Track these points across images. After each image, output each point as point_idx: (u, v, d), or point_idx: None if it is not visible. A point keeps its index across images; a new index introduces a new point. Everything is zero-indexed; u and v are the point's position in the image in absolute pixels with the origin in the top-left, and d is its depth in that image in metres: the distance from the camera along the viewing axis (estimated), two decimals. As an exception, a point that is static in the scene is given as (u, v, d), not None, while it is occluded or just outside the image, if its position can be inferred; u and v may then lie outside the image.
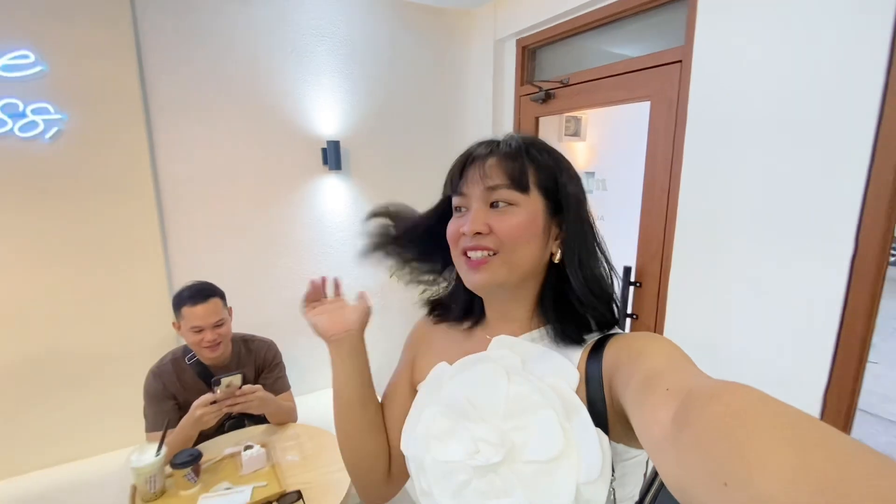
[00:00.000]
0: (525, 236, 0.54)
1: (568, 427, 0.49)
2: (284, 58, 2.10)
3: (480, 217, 0.55)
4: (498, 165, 0.55)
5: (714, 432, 0.30)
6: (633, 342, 0.50)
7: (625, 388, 0.45)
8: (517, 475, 0.49)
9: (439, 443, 0.56)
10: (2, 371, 1.73)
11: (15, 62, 1.62)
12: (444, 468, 0.54)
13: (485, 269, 0.55)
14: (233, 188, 2.08)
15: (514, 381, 0.53)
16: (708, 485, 0.28)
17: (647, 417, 0.39)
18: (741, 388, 0.32)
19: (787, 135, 1.25)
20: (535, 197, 0.55)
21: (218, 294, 1.52)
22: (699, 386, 0.35)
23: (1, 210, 1.67)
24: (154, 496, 1.19)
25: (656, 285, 1.71)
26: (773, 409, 0.29)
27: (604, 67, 1.86)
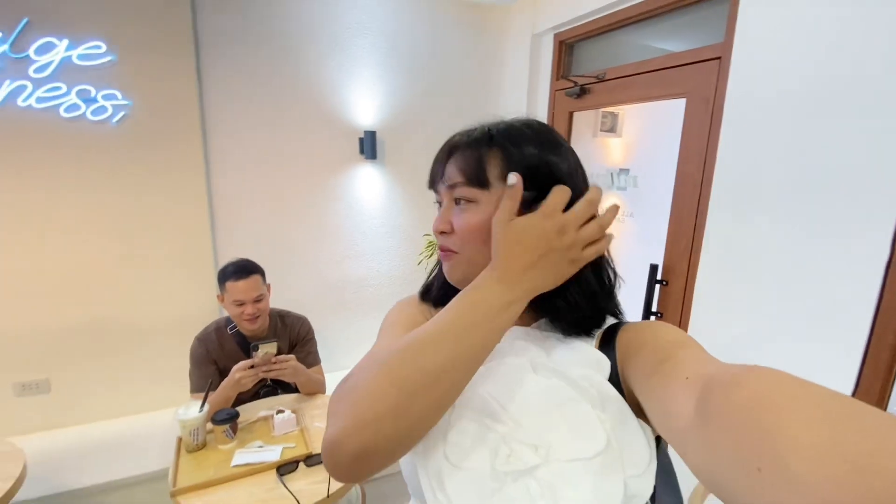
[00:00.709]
0: (480, 237, 0.50)
1: (604, 418, 0.46)
2: (328, 51, 2.20)
3: (445, 215, 0.53)
4: (458, 161, 0.51)
5: (741, 418, 0.29)
6: (645, 331, 0.49)
7: (638, 378, 0.44)
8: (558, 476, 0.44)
9: (458, 448, 0.48)
10: (71, 331, 1.94)
11: (89, 52, 1.79)
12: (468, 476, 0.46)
13: (447, 263, 0.54)
14: (276, 173, 2.22)
15: (543, 375, 0.49)
16: (741, 471, 0.28)
17: (667, 407, 0.38)
18: (762, 370, 0.32)
19: (826, 136, 1.22)
20: (497, 191, 0.49)
21: (258, 271, 1.64)
22: (719, 372, 0.35)
23: (73, 187, 1.86)
24: (196, 447, 1.33)
25: (683, 284, 1.70)
26: (797, 388, 0.29)
27: (640, 63, 1.85)
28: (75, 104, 1.79)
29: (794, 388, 0.29)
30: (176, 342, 1.92)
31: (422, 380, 0.42)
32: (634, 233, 2.39)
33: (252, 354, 1.48)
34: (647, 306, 1.80)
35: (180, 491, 1.17)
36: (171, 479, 1.22)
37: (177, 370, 1.74)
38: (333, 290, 2.45)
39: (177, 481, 1.21)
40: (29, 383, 1.93)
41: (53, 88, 1.76)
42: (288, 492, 1.18)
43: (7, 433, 1.83)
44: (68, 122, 1.80)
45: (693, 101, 1.61)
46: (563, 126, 2.31)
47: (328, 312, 2.43)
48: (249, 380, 1.47)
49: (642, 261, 1.85)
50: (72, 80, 1.78)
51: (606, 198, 2.18)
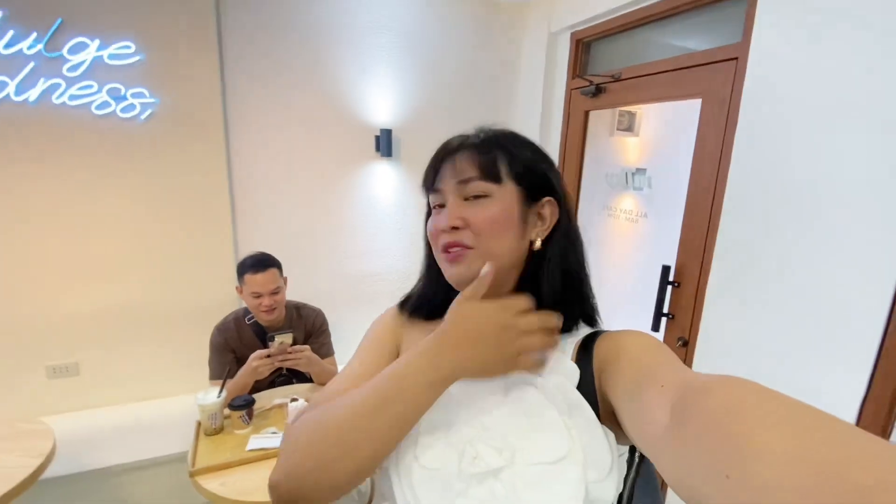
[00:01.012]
0: (500, 227, 0.53)
1: (572, 425, 0.47)
2: (347, 50, 2.24)
3: (455, 211, 0.54)
4: (469, 158, 0.54)
5: (712, 426, 0.30)
6: (622, 341, 0.50)
7: (615, 387, 0.45)
8: (521, 479, 0.46)
9: (430, 449, 0.50)
10: (99, 317, 2.04)
11: (119, 52, 1.87)
12: (436, 475, 0.48)
13: (461, 262, 0.53)
14: (295, 168, 2.28)
15: (512, 381, 0.50)
16: (710, 478, 0.28)
17: (642, 415, 0.39)
18: (734, 380, 0.33)
19: (844, 143, 1.20)
20: (508, 186, 0.54)
21: (276, 265, 1.70)
22: (692, 382, 0.36)
23: (103, 180, 1.95)
24: (214, 431, 1.39)
25: (694, 286, 1.69)
26: (767, 399, 0.30)
27: (655, 63, 1.84)
28: (106, 102, 1.88)
29: (764, 398, 0.30)
30: (197, 331, 2.00)
31: (340, 452, 0.46)
32: (648, 233, 2.38)
33: (269, 344, 1.53)
34: (658, 307, 1.80)
35: (199, 471, 1.24)
36: (191, 460, 1.29)
37: (197, 357, 1.81)
38: (349, 284, 2.50)
39: (195, 462, 1.28)
40: (59, 366, 2.03)
41: (86, 87, 1.84)
42: (299, 476, 1.23)
43: (39, 413, 1.94)
44: (99, 118, 1.89)
45: (708, 101, 1.60)
46: (578, 125, 2.31)
47: (343, 306, 2.48)
48: (266, 368, 1.53)
49: (655, 262, 1.85)
50: (103, 79, 1.86)
51: (621, 199, 2.19)
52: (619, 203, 2.48)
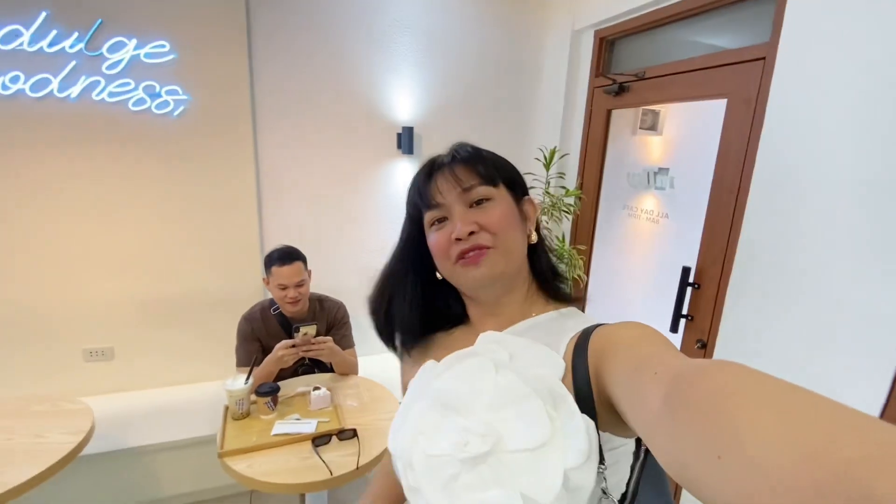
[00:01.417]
0: (511, 224, 0.59)
1: (555, 415, 0.49)
2: (371, 48, 2.28)
3: (467, 217, 0.57)
4: (465, 169, 0.59)
5: (705, 408, 0.31)
6: (618, 331, 0.51)
7: (612, 376, 0.46)
8: (505, 465, 0.49)
9: (427, 438, 0.54)
10: (134, 305, 2.14)
11: (154, 51, 1.95)
12: (433, 462, 0.53)
13: (484, 263, 0.57)
14: (319, 164, 2.33)
15: (502, 373, 0.53)
16: (703, 459, 0.29)
17: (638, 401, 0.40)
18: (728, 364, 0.34)
19: (874, 146, 1.18)
20: (502, 189, 0.61)
21: (301, 258, 1.76)
22: (687, 367, 0.36)
23: (137, 174, 2.04)
24: (241, 415, 1.46)
25: (715, 288, 1.68)
26: (758, 381, 0.31)
27: (681, 62, 1.82)
28: (142, 99, 1.96)
29: (756, 380, 0.31)
30: (224, 319, 2.08)
31: None
32: (669, 234, 2.36)
33: (294, 335, 1.59)
34: (677, 309, 1.79)
35: (227, 453, 1.30)
36: (219, 442, 1.35)
37: (224, 345, 1.89)
38: (369, 278, 2.54)
39: (224, 444, 1.34)
40: (96, 350, 2.14)
41: (123, 84, 1.93)
42: (321, 461, 1.28)
43: (76, 393, 2.05)
44: (135, 115, 1.97)
45: (734, 102, 1.58)
46: (600, 123, 2.30)
47: (363, 299, 2.53)
48: (290, 358, 1.59)
49: (675, 263, 1.84)
50: (139, 77, 1.94)
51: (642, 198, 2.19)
52: (640, 203, 2.46)
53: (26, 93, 1.83)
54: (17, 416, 1.48)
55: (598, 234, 2.42)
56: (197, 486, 1.97)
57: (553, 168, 2.36)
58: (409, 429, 0.57)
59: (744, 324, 1.56)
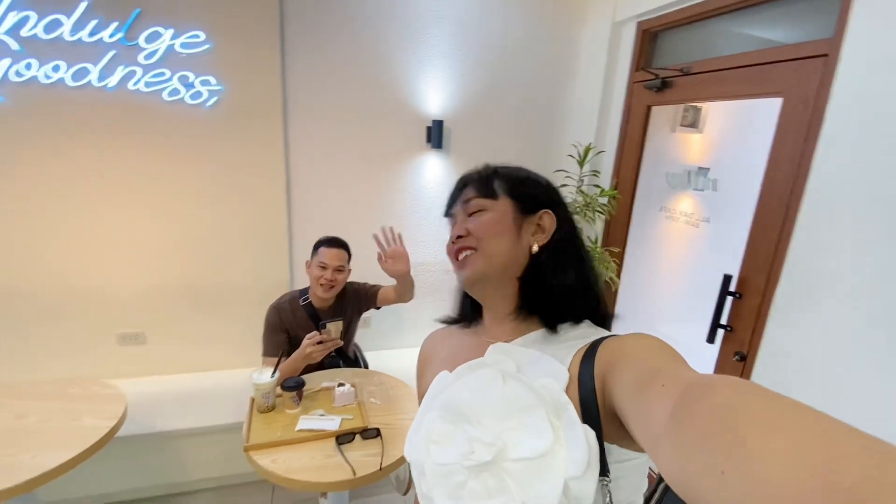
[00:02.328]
0: (495, 230, 0.63)
1: (558, 425, 0.50)
2: (403, 39, 2.24)
3: (461, 224, 0.66)
4: (471, 186, 0.67)
5: (710, 424, 0.31)
6: (625, 343, 0.52)
7: (618, 388, 0.46)
8: (508, 474, 0.50)
9: (438, 446, 0.57)
10: (165, 291, 2.18)
11: (189, 41, 1.95)
12: (443, 470, 0.55)
13: (466, 265, 0.64)
14: (348, 156, 2.32)
15: (509, 384, 0.55)
16: (705, 473, 0.29)
17: (643, 414, 0.40)
18: (736, 381, 0.33)
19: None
20: (503, 200, 0.65)
21: (347, 249, 1.84)
22: (694, 381, 0.36)
23: (171, 163, 2.06)
24: (267, 409, 1.46)
25: (759, 299, 1.59)
26: (766, 399, 0.30)
27: (731, 57, 1.71)
28: (176, 89, 1.97)
29: (764, 397, 0.31)
30: (252, 309, 2.11)
31: None
32: (708, 239, 2.25)
33: (320, 331, 1.60)
34: (715, 318, 1.71)
35: (252, 447, 1.31)
36: (245, 435, 1.36)
37: (251, 334, 1.91)
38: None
39: (250, 438, 1.35)
40: (129, 334, 2.20)
41: (158, 74, 1.94)
42: (345, 460, 1.27)
43: (109, 375, 2.11)
44: (169, 104, 1.99)
45: (790, 101, 1.48)
46: (638, 120, 2.20)
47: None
48: (319, 354, 1.61)
49: (714, 270, 1.75)
50: (174, 67, 1.95)
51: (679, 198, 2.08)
52: (678, 204, 2.35)
53: (66, 82, 1.86)
54: (53, 399, 1.53)
55: (631, 236, 2.33)
56: (222, 472, 2.01)
57: (587, 166, 2.27)
58: (421, 437, 0.61)
59: (788, 339, 1.47)
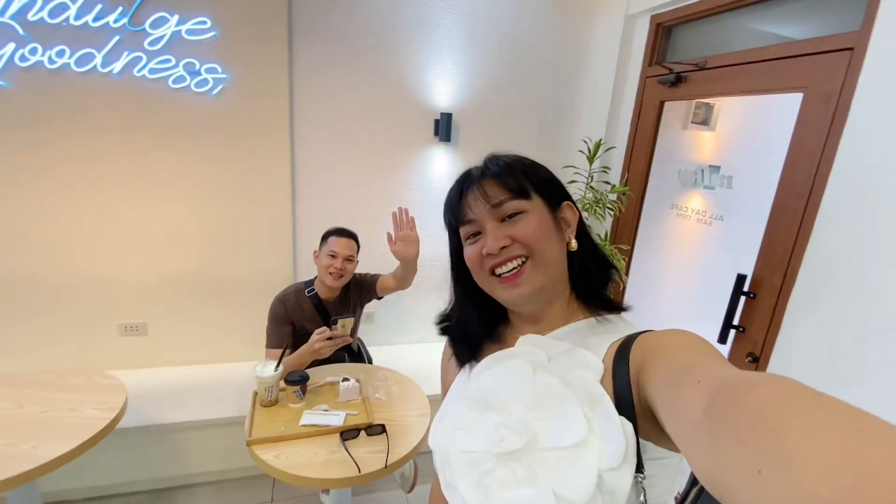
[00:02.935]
0: (546, 234, 0.58)
1: (591, 416, 0.49)
2: (412, 30, 2.20)
3: (498, 233, 0.57)
4: (496, 184, 0.59)
5: (749, 421, 0.29)
6: (661, 337, 0.50)
7: (653, 383, 0.45)
8: (539, 462, 0.49)
9: (464, 434, 0.56)
10: (167, 282, 2.16)
11: (196, 27, 1.92)
12: (469, 458, 0.54)
13: (523, 281, 0.57)
14: (355, 148, 2.28)
15: (540, 374, 0.53)
16: (740, 471, 0.28)
17: (678, 409, 0.39)
18: (775, 377, 0.32)
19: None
20: (537, 199, 0.59)
21: (356, 240, 1.82)
22: (732, 377, 0.35)
23: (175, 151, 2.03)
24: (270, 402, 1.44)
25: (773, 299, 1.55)
26: (809, 397, 0.29)
27: (749, 51, 1.67)
28: (182, 76, 1.94)
29: (805, 396, 0.29)
30: (255, 301, 2.08)
31: None
32: (720, 238, 2.21)
33: (331, 327, 1.57)
34: (728, 318, 1.67)
35: (255, 441, 1.28)
36: (248, 430, 1.33)
37: (254, 327, 1.88)
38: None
39: (252, 432, 1.32)
40: (130, 325, 2.18)
41: (164, 61, 1.91)
42: (350, 457, 1.25)
43: (110, 366, 2.09)
44: (175, 92, 1.96)
45: (812, 97, 1.44)
46: (651, 116, 2.16)
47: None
48: (327, 350, 1.58)
49: (727, 269, 1.71)
50: (180, 54, 1.92)
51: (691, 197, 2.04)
52: (689, 202, 2.31)
53: (71, 67, 1.83)
54: (53, 389, 1.51)
55: (641, 233, 2.30)
56: (223, 466, 1.99)
57: (597, 162, 2.24)
58: (447, 425, 0.59)
59: (804, 341, 1.43)
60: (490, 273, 0.58)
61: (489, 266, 0.58)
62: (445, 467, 0.58)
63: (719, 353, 0.44)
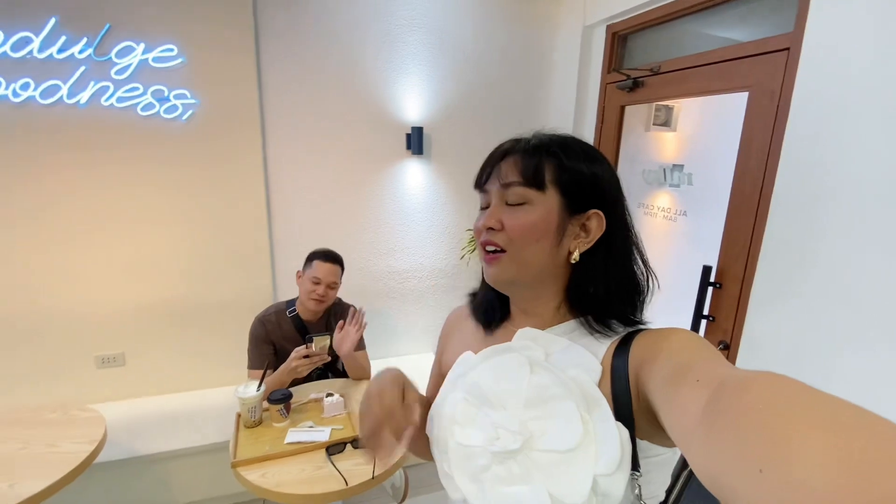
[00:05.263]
0: (533, 235, 0.53)
1: (588, 419, 0.49)
2: (379, 48, 2.25)
3: (495, 213, 0.56)
4: (514, 163, 0.55)
5: (749, 420, 0.30)
6: (661, 337, 0.50)
7: (652, 382, 0.45)
8: (535, 463, 0.49)
9: (461, 428, 0.57)
10: (144, 311, 2.13)
11: (163, 55, 1.93)
12: (466, 452, 0.55)
13: (495, 265, 0.56)
14: (328, 166, 2.31)
15: (537, 372, 0.53)
16: (742, 471, 0.28)
17: (677, 408, 0.39)
18: (775, 376, 0.32)
19: (907, 133, 1.13)
20: (551, 194, 0.54)
21: (342, 264, 1.80)
22: (731, 376, 0.35)
23: (147, 179, 2.03)
24: (254, 423, 1.43)
25: (738, 287, 1.63)
26: (809, 395, 0.29)
27: (699, 55, 1.76)
28: (150, 103, 1.95)
29: (805, 395, 0.29)
30: (235, 324, 2.07)
31: None
32: (687, 232, 2.30)
33: (308, 345, 1.57)
34: (698, 309, 1.74)
35: (240, 462, 1.27)
36: (232, 451, 1.32)
37: (235, 350, 1.87)
38: (380, 281, 2.53)
39: (237, 453, 1.31)
40: (108, 357, 2.13)
41: (132, 89, 1.92)
42: (336, 471, 1.25)
43: (88, 400, 2.04)
44: (144, 119, 1.96)
45: (756, 95, 1.53)
46: (614, 120, 2.25)
47: (375, 301, 2.51)
48: (305, 368, 1.57)
49: (695, 262, 1.78)
50: (148, 81, 1.93)
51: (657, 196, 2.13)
52: (655, 200, 2.41)
53: (36, 99, 1.82)
54: (30, 425, 1.47)
55: (612, 234, 2.37)
56: (210, 494, 1.95)
57: (566, 166, 2.31)
58: (444, 417, 0.60)
59: (769, 324, 1.50)
60: (482, 246, 0.58)
61: (480, 241, 0.58)
62: (443, 458, 0.59)
63: (718, 352, 0.44)
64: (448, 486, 0.59)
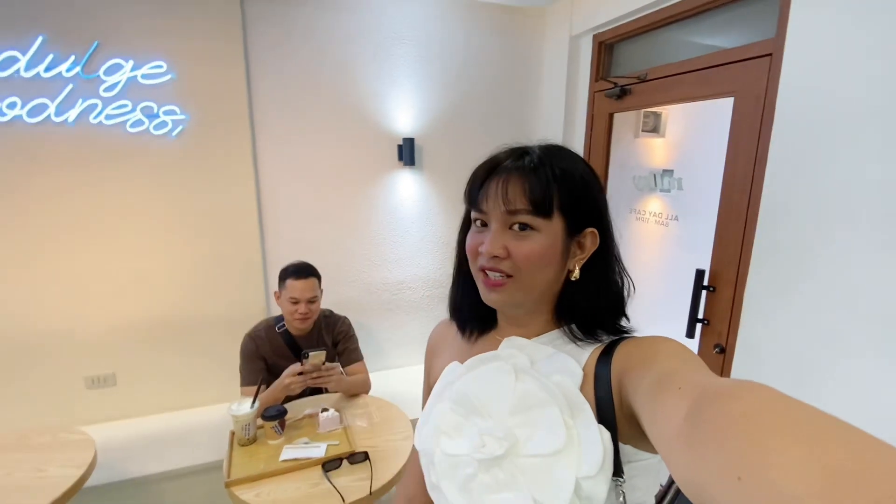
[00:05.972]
0: (543, 263, 0.53)
1: (571, 424, 0.50)
2: (369, 61, 2.27)
3: (499, 240, 0.53)
4: (521, 186, 0.52)
5: (729, 428, 0.30)
6: (644, 344, 0.51)
7: (635, 389, 0.46)
8: (519, 469, 0.50)
9: (448, 437, 0.57)
10: (134, 330, 2.10)
11: (152, 71, 1.93)
12: (452, 462, 0.55)
13: (501, 291, 0.55)
14: (320, 179, 2.31)
15: (522, 379, 0.54)
16: (721, 480, 0.29)
17: (658, 415, 0.40)
18: (756, 386, 0.33)
19: (888, 137, 1.15)
20: (556, 221, 0.53)
21: (316, 275, 1.73)
22: (713, 384, 0.36)
23: (137, 196, 2.01)
24: (248, 441, 1.40)
25: (731, 291, 1.63)
26: (789, 406, 0.30)
27: (684, 62, 1.79)
28: (140, 120, 1.94)
29: (784, 405, 0.30)
30: (228, 341, 2.03)
31: None
32: (679, 237, 2.31)
33: (302, 361, 1.55)
34: (692, 313, 1.74)
35: (234, 482, 1.25)
36: (226, 471, 1.30)
37: (228, 367, 1.84)
38: (373, 293, 2.51)
39: (231, 473, 1.29)
40: (98, 377, 2.10)
41: (121, 106, 1.91)
42: (333, 487, 1.23)
43: (79, 422, 2.00)
44: (134, 136, 1.95)
45: (742, 100, 1.55)
46: (602, 128, 2.27)
47: (369, 313, 2.49)
48: (298, 386, 1.55)
49: (688, 266, 1.79)
50: (137, 98, 1.92)
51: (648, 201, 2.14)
52: (646, 205, 2.42)
53: (23, 118, 1.81)
54: (17, 450, 1.44)
55: (605, 240, 2.38)
56: (204, 515, 1.90)
57: (557, 174, 2.32)
58: (431, 427, 0.60)
59: (764, 327, 1.51)
60: (480, 269, 0.56)
61: (480, 264, 0.56)
62: (430, 469, 0.59)
63: (700, 361, 0.45)
64: (436, 498, 0.59)
